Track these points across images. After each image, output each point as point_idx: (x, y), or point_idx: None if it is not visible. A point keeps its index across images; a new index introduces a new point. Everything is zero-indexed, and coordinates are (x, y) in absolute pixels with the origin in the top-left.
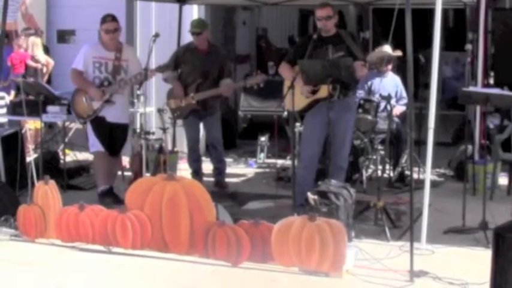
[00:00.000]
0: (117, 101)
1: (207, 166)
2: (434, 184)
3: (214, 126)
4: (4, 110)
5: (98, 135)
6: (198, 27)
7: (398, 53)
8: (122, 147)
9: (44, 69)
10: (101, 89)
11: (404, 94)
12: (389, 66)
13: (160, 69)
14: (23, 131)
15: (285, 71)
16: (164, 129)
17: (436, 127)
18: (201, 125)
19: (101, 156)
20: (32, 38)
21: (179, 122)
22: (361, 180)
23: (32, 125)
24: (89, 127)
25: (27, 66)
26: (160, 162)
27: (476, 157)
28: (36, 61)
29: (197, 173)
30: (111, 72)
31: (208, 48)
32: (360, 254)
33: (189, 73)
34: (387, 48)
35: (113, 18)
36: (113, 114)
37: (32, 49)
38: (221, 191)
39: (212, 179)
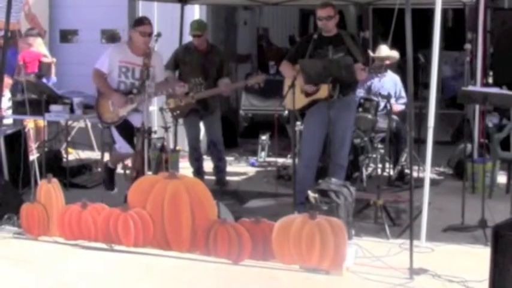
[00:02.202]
0: (144, 108)
1: (209, 164)
2: (433, 182)
3: (214, 125)
4: (10, 111)
5: (125, 138)
6: (199, 29)
7: (394, 54)
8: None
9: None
10: (129, 96)
11: (403, 94)
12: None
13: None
14: (26, 130)
15: (286, 69)
16: (166, 128)
17: (435, 126)
18: (201, 124)
19: (130, 155)
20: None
21: (180, 120)
22: (361, 179)
23: (32, 123)
24: (115, 131)
25: (40, 64)
26: (162, 160)
27: (476, 156)
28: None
29: (198, 171)
30: (139, 79)
31: (207, 48)
32: (360, 252)
33: (188, 73)
34: (385, 50)
35: (149, 21)
36: (138, 120)
37: (39, 48)
38: (222, 189)
39: (213, 178)
